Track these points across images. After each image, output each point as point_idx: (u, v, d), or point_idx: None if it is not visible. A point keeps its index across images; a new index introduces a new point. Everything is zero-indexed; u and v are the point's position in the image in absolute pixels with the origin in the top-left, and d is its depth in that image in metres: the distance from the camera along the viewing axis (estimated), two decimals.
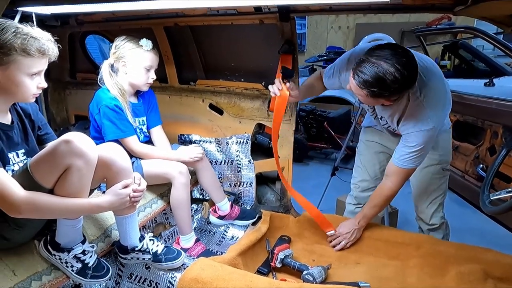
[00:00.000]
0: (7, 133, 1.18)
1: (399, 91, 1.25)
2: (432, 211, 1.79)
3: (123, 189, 1.26)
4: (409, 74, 1.21)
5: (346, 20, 7.85)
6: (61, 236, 1.24)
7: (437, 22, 6.45)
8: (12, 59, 1.05)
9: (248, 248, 1.62)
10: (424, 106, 1.37)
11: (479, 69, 4.73)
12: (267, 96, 2.02)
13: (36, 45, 1.07)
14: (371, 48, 1.26)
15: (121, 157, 1.31)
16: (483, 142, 2.21)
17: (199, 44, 2.16)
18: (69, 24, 2.24)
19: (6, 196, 1.01)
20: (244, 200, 2.17)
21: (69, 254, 1.24)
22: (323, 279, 1.48)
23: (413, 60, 1.23)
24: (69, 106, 2.67)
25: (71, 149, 1.09)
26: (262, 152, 2.16)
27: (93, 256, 1.31)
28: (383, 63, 1.19)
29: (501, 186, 1.98)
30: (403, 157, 1.49)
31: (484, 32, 2.03)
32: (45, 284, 1.18)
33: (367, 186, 1.93)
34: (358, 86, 1.25)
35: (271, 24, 1.77)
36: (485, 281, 1.37)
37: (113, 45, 1.72)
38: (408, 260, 1.58)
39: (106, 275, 1.32)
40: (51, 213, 1.16)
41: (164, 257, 1.48)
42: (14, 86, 1.10)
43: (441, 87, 1.45)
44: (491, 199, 1.25)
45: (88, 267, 1.28)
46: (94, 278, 1.30)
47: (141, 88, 1.79)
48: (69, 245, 1.25)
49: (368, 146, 1.90)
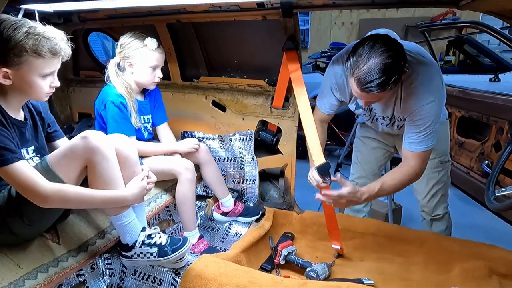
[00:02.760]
0: (21, 129, 1.19)
1: (402, 67, 1.22)
2: (434, 203, 1.79)
3: (142, 181, 1.31)
4: (395, 45, 1.20)
5: (350, 16, 7.79)
6: (123, 235, 1.33)
7: (442, 17, 6.38)
8: (23, 60, 1.05)
9: (252, 245, 1.62)
10: (419, 83, 1.34)
11: (484, 64, 4.69)
12: (270, 93, 2.01)
13: (48, 45, 1.07)
14: (352, 61, 1.23)
15: (126, 146, 1.36)
16: (488, 138, 2.19)
17: (202, 41, 2.15)
18: (72, 21, 2.24)
19: (34, 185, 1.05)
20: (247, 197, 2.17)
21: (138, 246, 1.32)
22: (326, 276, 1.48)
23: (388, 37, 1.22)
24: (73, 104, 2.67)
25: (87, 145, 1.15)
26: (266, 149, 2.15)
27: (162, 235, 1.36)
28: (373, 57, 1.17)
29: (506, 183, 1.96)
30: (413, 139, 1.41)
31: (490, 27, 2.00)
32: (52, 276, 1.19)
33: (364, 182, 1.92)
34: (374, 93, 1.22)
35: (274, 20, 1.76)
36: (490, 278, 1.37)
37: (118, 44, 1.72)
38: (412, 257, 1.57)
39: (185, 243, 1.38)
40: (78, 203, 1.19)
41: (171, 248, 1.36)
42: (27, 86, 1.11)
43: (429, 66, 1.40)
44: (497, 195, 1.24)
45: (164, 245, 1.34)
46: (175, 251, 1.35)
47: (148, 86, 1.80)
48: (134, 239, 1.33)
49: (364, 143, 1.89)
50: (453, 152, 2.53)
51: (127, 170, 1.34)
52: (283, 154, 2.06)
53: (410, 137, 1.42)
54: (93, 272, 1.49)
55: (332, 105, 1.62)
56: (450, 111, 2.53)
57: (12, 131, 1.12)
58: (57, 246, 1.26)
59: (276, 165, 2.12)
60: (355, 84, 1.23)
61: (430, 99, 1.34)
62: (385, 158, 1.93)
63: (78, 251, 1.30)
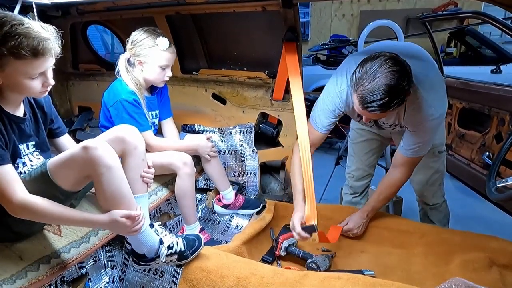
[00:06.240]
0: (19, 125, 1.17)
1: (407, 90, 1.21)
2: (432, 193, 1.81)
3: (123, 218, 1.16)
4: (402, 67, 1.19)
5: (350, 8, 7.72)
6: (138, 246, 1.29)
7: (443, 8, 6.32)
8: (4, 62, 0.98)
9: (253, 237, 1.63)
10: (424, 97, 1.35)
11: (486, 56, 4.66)
12: (270, 85, 2.00)
13: (30, 46, 0.98)
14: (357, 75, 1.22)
15: (135, 136, 1.35)
16: (489, 129, 2.18)
17: (201, 33, 2.13)
18: (71, 14, 2.22)
19: (6, 194, 1.02)
20: (248, 189, 2.17)
21: (161, 259, 1.30)
22: (327, 267, 1.48)
23: (397, 57, 1.21)
24: (72, 97, 2.66)
25: (88, 156, 1.09)
26: (266, 141, 2.15)
27: (179, 241, 1.35)
28: (378, 77, 1.16)
29: (507, 174, 1.95)
30: (412, 148, 1.47)
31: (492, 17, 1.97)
32: (54, 267, 1.19)
33: (361, 174, 1.93)
34: (378, 113, 1.23)
35: (274, 11, 1.74)
36: (490, 269, 1.37)
37: (130, 40, 1.69)
38: (413, 248, 1.58)
39: (200, 243, 1.38)
40: (45, 219, 1.12)
41: (190, 251, 1.35)
42: (16, 87, 1.07)
43: (432, 72, 1.44)
44: (498, 186, 1.24)
45: (183, 251, 1.34)
46: (194, 252, 1.35)
47: (157, 85, 1.80)
48: (152, 252, 1.29)
49: (360, 135, 1.89)
50: (454, 143, 2.52)
51: (136, 159, 1.34)
52: (283, 147, 2.06)
53: (410, 145, 1.47)
54: (95, 265, 1.50)
55: (331, 124, 1.55)
56: (451, 103, 2.52)
57: (8, 128, 1.11)
58: (59, 238, 1.27)
59: (276, 157, 2.11)
60: (357, 101, 1.24)
61: (435, 116, 1.37)
62: (381, 149, 1.93)
63: (80, 242, 1.30)
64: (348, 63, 1.48)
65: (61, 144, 1.40)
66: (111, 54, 6.12)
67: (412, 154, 1.49)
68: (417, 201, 1.94)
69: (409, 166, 1.54)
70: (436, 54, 2.64)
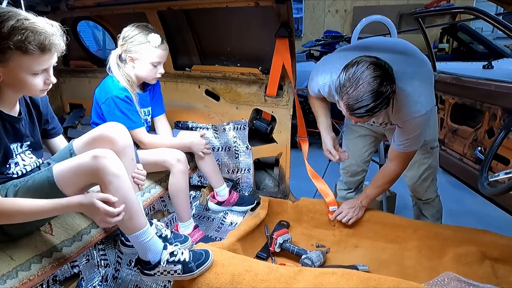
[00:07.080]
0: (14, 125, 1.15)
1: (391, 92, 1.25)
2: (425, 188, 1.83)
3: (101, 203, 1.07)
4: (384, 71, 1.22)
5: (344, 3, 7.71)
6: (144, 253, 1.24)
7: (436, 4, 6.35)
8: (9, 57, 0.97)
9: (247, 234, 1.63)
10: (410, 94, 1.37)
11: (478, 51, 4.70)
12: (264, 81, 1.99)
13: (36, 41, 0.97)
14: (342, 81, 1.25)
15: (124, 135, 1.33)
16: (481, 124, 2.20)
17: (194, 29, 2.11)
18: (60, 9, 2.18)
19: None
20: (242, 186, 2.16)
21: (162, 264, 1.24)
22: (321, 263, 1.49)
23: (378, 60, 1.24)
24: (63, 94, 2.62)
25: (97, 165, 1.09)
26: (260, 138, 2.14)
27: (184, 251, 1.28)
28: (361, 84, 1.20)
29: (499, 168, 1.97)
30: (402, 143, 1.50)
31: (485, 12, 1.98)
32: (45, 267, 1.17)
33: (355, 170, 1.94)
34: (367, 118, 1.28)
35: (267, 6, 1.73)
36: (483, 262, 1.38)
37: (121, 36, 1.66)
38: (406, 243, 1.59)
39: (208, 258, 1.28)
40: (18, 218, 1.05)
41: (195, 264, 1.27)
42: (18, 83, 1.05)
43: (419, 67, 1.45)
44: (490, 180, 1.24)
45: (188, 262, 1.26)
46: (200, 266, 1.26)
47: (149, 81, 1.78)
48: (156, 257, 1.24)
49: (353, 130, 1.90)
50: (446, 139, 2.54)
51: (125, 158, 1.31)
52: (277, 143, 2.05)
53: (400, 140, 1.50)
54: (88, 264, 1.48)
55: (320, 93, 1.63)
56: (443, 98, 2.53)
57: (1, 128, 1.09)
58: (51, 237, 1.25)
59: (270, 154, 2.11)
60: (344, 108, 1.28)
61: (422, 112, 1.38)
62: (376, 145, 1.94)
63: (72, 241, 1.28)
64: (333, 62, 1.52)
65: (55, 144, 1.38)
66: (103, 50, 6.05)
67: (404, 149, 1.51)
68: (411, 197, 1.96)
69: (403, 160, 1.57)
70: (428, 50, 2.65)
